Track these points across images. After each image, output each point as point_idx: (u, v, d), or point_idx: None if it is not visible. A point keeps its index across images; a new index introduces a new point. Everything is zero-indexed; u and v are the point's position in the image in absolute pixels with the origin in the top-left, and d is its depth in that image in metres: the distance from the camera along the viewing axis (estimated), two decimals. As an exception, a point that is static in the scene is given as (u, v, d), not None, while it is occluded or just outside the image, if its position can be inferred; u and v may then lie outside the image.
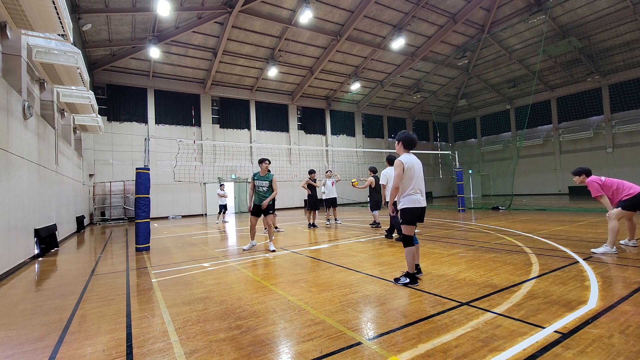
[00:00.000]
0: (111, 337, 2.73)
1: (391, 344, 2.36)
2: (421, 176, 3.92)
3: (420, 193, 3.83)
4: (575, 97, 24.97)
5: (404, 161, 3.83)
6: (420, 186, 3.86)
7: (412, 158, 3.93)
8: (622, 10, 18.07)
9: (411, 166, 3.83)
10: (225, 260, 5.89)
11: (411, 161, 3.87)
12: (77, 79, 8.59)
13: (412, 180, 3.82)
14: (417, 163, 3.95)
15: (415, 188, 3.82)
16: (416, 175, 3.85)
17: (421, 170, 3.94)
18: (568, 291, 3.33)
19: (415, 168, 3.86)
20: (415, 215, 3.81)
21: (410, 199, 3.81)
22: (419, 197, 3.82)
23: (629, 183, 5.04)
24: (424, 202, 3.85)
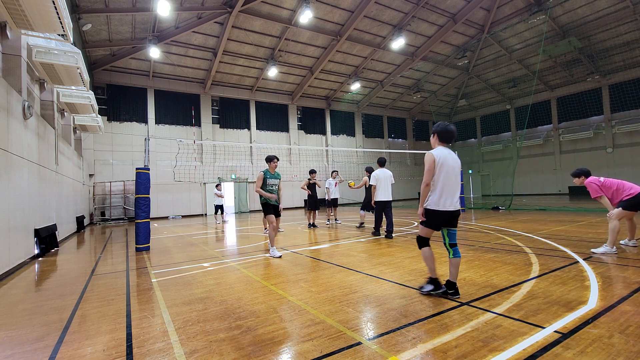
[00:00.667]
0: (111, 337, 2.73)
1: (391, 344, 2.36)
2: (454, 175, 3.33)
3: (449, 195, 3.28)
4: (575, 97, 24.97)
5: (436, 155, 3.32)
6: (450, 187, 3.30)
7: (445, 153, 3.37)
8: (622, 10, 18.07)
9: (443, 162, 3.30)
10: (225, 260, 5.89)
11: (444, 157, 3.33)
12: (77, 79, 8.59)
13: (442, 178, 3.29)
14: (453, 160, 3.38)
15: (443, 188, 3.28)
16: (447, 173, 3.29)
17: (456, 169, 3.36)
18: (568, 291, 3.33)
19: (448, 164, 3.31)
20: (438, 219, 3.30)
21: (435, 199, 3.30)
22: (446, 200, 3.27)
23: (629, 183, 5.04)
24: (452, 206, 3.28)
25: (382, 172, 7.85)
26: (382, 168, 7.96)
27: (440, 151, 3.36)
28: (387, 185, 7.82)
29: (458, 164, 3.41)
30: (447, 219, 3.31)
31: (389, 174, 7.89)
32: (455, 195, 3.33)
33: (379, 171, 7.90)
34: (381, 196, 7.78)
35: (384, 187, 7.79)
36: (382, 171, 7.87)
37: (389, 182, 7.83)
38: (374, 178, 7.87)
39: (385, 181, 7.80)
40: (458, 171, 3.37)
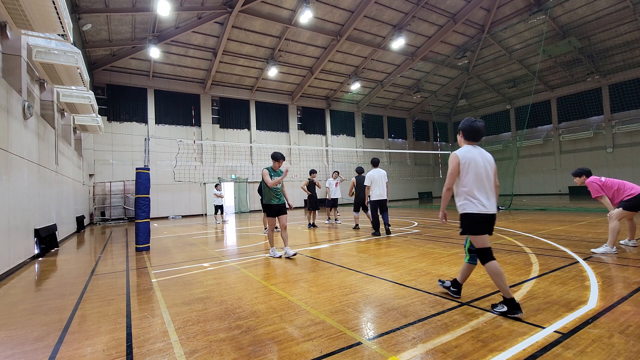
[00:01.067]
0: (111, 337, 2.73)
1: (391, 344, 2.36)
2: (486, 176, 3.00)
3: (483, 197, 2.96)
4: (575, 97, 24.97)
5: (460, 155, 3.03)
6: (483, 188, 2.98)
7: (473, 152, 3.05)
8: (622, 10, 18.08)
9: (471, 162, 2.99)
10: (225, 260, 5.89)
11: (471, 156, 3.02)
12: (77, 79, 8.59)
13: (472, 179, 2.97)
14: (484, 159, 3.04)
15: (476, 190, 2.96)
16: (478, 174, 2.97)
17: (488, 169, 3.02)
18: (568, 291, 3.32)
19: (477, 164, 2.99)
20: (480, 223, 2.95)
21: (469, 202, 2.99)
22: (479, 202, 2.94)
23: (630, 183, 5.03)
24: (488, 208, 2.96)
25: (377, 172, 8.10)
26: (376, 168, 8.23)
27: (465, 150, 3.06)
28: (382, 184, 8.00)
29: (490, 163, 3.07)
30: (488, 221, 2.98)
31: (383, 173, 8.10)
32: (488, 197, 2.99)
33: (373, 171, 8.13)
34: (376, 195, 7.99)
35: (379, 186, 7.99)
36: (376, 171, 8.12)
37: (384, 181, 8.04)
38: (369, 178, 8.11)
39: (380, 180, 8.01)
40: (491, 171, 3.05)
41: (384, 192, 8.01)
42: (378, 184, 8.00)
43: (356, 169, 9.85)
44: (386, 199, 8.03)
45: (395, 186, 27.99)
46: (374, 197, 8.03)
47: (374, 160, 8.39)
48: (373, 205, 8.14)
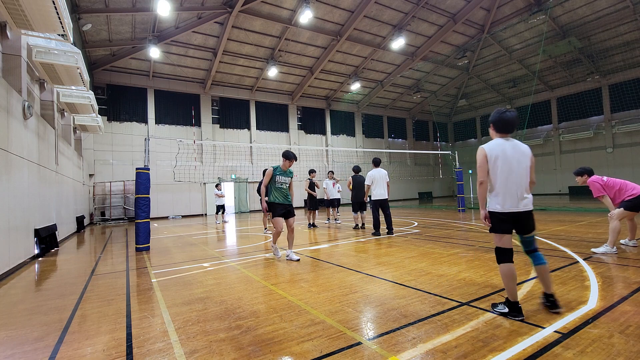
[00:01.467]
0: (111, 337, 2.73)
1: (391, 344, 2.36)
2: (516, 170, 2.81)
3: (508, 194, 2.80)
4: (575, 97, 24.97)
5: (487, 149, 2.89)
6: (510, 184, 2.80)
7: (503, 145, 2.87)
8: (622, 10, 18.08)
9: (499, 156, 2.83)
10: (225, 260, 5.89)
11: (499, 150, 2.85)
12: (77, 79, 8.59)
13: (498, 173, 2.84)
14: (515, 151, 2.85)
15: (502, 185, 2.82)
16: (508, 170, 2.81)
17: (521, 162, 2.84)
18: (568, 291, 3.32)
19: (506, 158, 2.82)
20: (502, 222, 2.82)
21: (495, 199, 2.86)
22: (506, 200, 2.81)
23: (632, 184, 5.01)
24: (515, 205, 2.79)
25: (377, 171, 8.17)
26: (377, 168, 8.29)
27: (494, 144, 2.90)
28: (383, 184, 8.07)
29: (524, 156, 2.87)
30: (513, 221, 2.83)
31: (384, 173, 8.15)
32: (517, 194, 2.80)
33: (374, 171, 8.20)
34: (377, 195, 8.06)
35: (380, 186, 8.05)
36: (377, 171, 8.18)
37: (384, 180, 8.11)
38: (370, 178, 8.18)
39: (381, 180, 8.07)
40: (524, 165, 2.84)
41: (384, 191, 8.07)
42: (379, 183, 8.06)
43: (353, 168, 9.86)
44: (387, 199, 8.08)
45: (395, 186, 27.98)
46: (375, 196, 8.09)
47: (376, 160, 8.47)
48: (374, 205, 8.19)
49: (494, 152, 2.87)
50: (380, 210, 8.21)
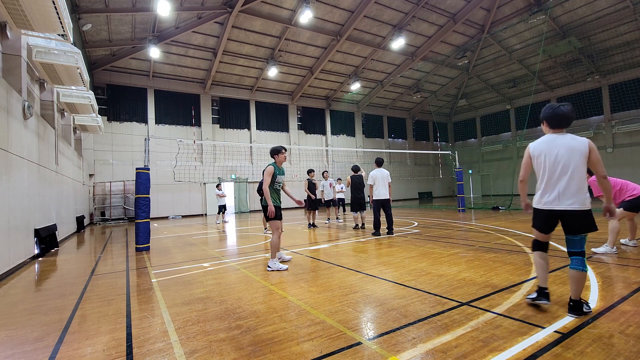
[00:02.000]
0: (111, 337, 2.73)
1: (391, 344, 2.36)
2: (560, 165, 2.76)
3: (548, 190, 2.83)
4: (575, 97, 24.95)
5: (531, 147, 2.95)
6: (553, 181, 2.80)
7: (552, 142, 2.82)
8: (622, 10, 18.07)
9: (544, 153, 2.84)
10: (225, 260, 5.89)
11: (545, 147, 2.84)
12: (77, 79, 8.59)
13: (541, 170, 2.88)
14: (562, 147, 2.76)
15: (543, 181, 2.87)
16: (549, 165, 2.79)
17: (567, 158, 2.74)
18: (568, 291, 3.32)
19: (554, 155, 2.78)
20: (541, 218, 2.90)
21: (537, 195, 2.96)
22: (543, 196, 2.86)
23: (633, 184, 5.01)
24: (554, 203, 2.79)
25: (379, 171, 8.14)
26: (379, 168, 8.27)
27: (540, 141, 2.91)
28: (384, 184, 8.08)
29: (575, 149, 2.72)
30: (553, 219, 2.84)
31: (386, 173, 8.15)
32: (556, 190, 2.78)
33: (376, 171, 8.19)
34: (379, 195, 8.06)
35: (381, 186, 8.05)
36: (379, 171, 8.16)
37: (386, 181, 8.11)
38: (372, 177, 8.18)
39: (382, 180, 8.08)
40: (571, 159, 2.72)
41: (386, 192, 8.08)
42: (380, 183, 8.07)
43: (352, 167, 9.94)
44: (388, 199, 8.08)
45: (396, 186, 27.92)
46: (376, 196, 8.09)
47: (378, 160, 8.45)
48: (375, 205, 8.20)
49: (537, 150, 2.91)
50: (381, 210, 8.22)
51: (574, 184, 2.73)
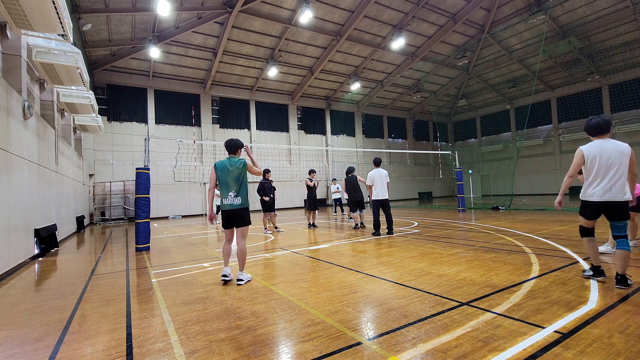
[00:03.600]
0: (111, 337, 2.73)
1: (391, 344, 2.36)
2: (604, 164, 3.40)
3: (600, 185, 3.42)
4: (575, 97, 24.97)
5: (584, 150, 3.55)
6: (603, 177, 3.41)
7: (598, 146, 3.47)
8: (622, 10, 18.08)
9: (596, 156, 3.44)
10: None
11: (596, 151, 3.46)
12: (77, 79, 8.59)
13: (588, 168, 3.52)
14: (608, 151, 3.41)
15: (595, 179, 3.46)
16: (599, 166, 3.42)
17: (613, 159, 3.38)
18: (568, 291, 3.32)
19: (602, 158, 3.41)
20: (594, 209, 3.50)
21: (587, 190, 3.55)
22: (594, 190, 3.45)
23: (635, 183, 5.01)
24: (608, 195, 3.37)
25: (378, 171, 8.17)
26: (377, 168, 8.30)
27: (589, 146, 3.55)
28: (383, 184, 8.11)
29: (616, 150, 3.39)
30: (599, 209, 3.46)
31: (385, 173, 8.19)
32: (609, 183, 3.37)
33: (374, 171, 8.23)
34: (378, 195, 8.10)
35: (380, 186, 8.09)
36: (377, 171, 8.18)
37: (385, 181, 8.15)
38: (370, 178, 8.21)
39: (381, 180, 8.11)
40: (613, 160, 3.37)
41: (385, 192, 8.10)
42: (379, 183, 8.09)
43: (346, 170, 10.13)
44: (387, 199, 8.11)
45: (396, 186, 27.99)
46: (375, 196, 8.11)
47: (376, 160, 8.49)
48: (374, 205, 8.22)
49: (591, 153, 3.50)
50: (381, 210, 8.22)
51: (624, 180, 3.39)
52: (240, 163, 4.30)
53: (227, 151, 4.41)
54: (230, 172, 4.23)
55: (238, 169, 4.25)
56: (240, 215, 4.22)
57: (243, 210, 4.23)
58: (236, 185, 4.22)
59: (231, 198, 4.18)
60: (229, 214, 4.21)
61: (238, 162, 4.29)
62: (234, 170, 4.24)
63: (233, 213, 4.20)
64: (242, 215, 4.23)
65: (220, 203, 4.28)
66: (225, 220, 4.25)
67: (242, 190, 4.24)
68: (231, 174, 4.23)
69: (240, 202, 4.20)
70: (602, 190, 3.40)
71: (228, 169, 4.24)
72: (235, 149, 4.40)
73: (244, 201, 4.23)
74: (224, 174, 4.24)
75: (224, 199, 4.20)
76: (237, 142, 4.40)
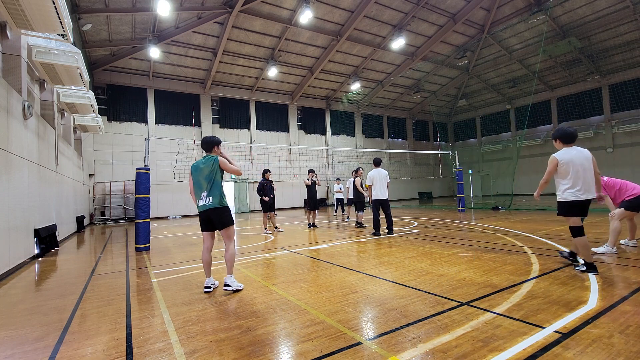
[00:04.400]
0: (111, 337, 2.73)
1: (391, 344, 2.36)
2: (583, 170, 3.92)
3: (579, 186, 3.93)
4: (575, 97, 24.97)
5: (558, 157, 4.02)
6: (582, 179, 3.92)
7: (569, 153, 3.99)
8: (622, 10, 18.08)
9: (570, 162, 3.95)
10: (225, 260, 5.88)
11: (569, 157, 3.97)
12: (77, 79, 8.59)
13: (569, 174, 3.96)
14: (579, 157, 3.96)
15: (576, 182, 3.93)
16: (574, 170, 3.93)
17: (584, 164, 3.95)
18: (568, 291, 3.32)
19: (575, 163, 3.93)
20: (576, 208, 3.95)
21: (567, 191, 4.00)
22: (576, 190, 3.93)
23: (632, 184, 5.01)
24: (585, 195, 3.92)
25: (377, 171, 8.18)
26: (377, 168, 8.31)
27: (563, 153, 4.04)
28: (383, 184, 8.12)
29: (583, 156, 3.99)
30: (583, 206, 3.98)
31: (384, 173, 8.21)
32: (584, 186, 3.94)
33: (374, 171, 8.24)
34: (377, 195, 8.11)
35: (380, 186, 8.10)
36: (377, 171, 8.19)
37: (385, 181, 8.15)
38: (370, 178, 8.23)
39: (381, 180, 8.12)
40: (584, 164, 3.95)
41: (384, 192, 8.11)
42: (378, 183, 8.11)
43: (353, 170, 10.45)
44: (387, 199, 8.12)
45: (395, 186, 27.99)
46: (375, 196, 8.13)
47: (376, 160, 8.51)
48: (374, 205, 8.23)
49: (565, 159, 3.98)
50: (381, 211, 8.22)
51: (592, 181, 3.99)
52: (211, 160, 3.92)
53: (203, 149, 4.08)
54: (202, 171, 3.90)
55: (208, 167, 3.88)
56: (216, 216, 3.87)
57: (219, 211, 3.87)
58: (207, 184, 3.86)
59: (203, 198, 3.85)
60: (204, 215, 3.91)
61: (209, 160, 3.94)
62: (204, 168, 3.90)
63: (207, 214, 3.88)
64: (219, 215, 3.87)
65: (197, 205, 3.96)
66: (202, 223, 3.96)
67: (214, 189, 3.86)
68: (202, 173, 3.90)
69: (213, 201, 3.83)
70: (582, 190, 3.92)
71: (200, 167, 3.93)
72: (209, 146, 4.06)
73: (216, 200, 3.84)
74: (196, 173, 3.94)
75: (198, 200, 3.90)
76: (212, 139, 4.10)
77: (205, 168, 3.90)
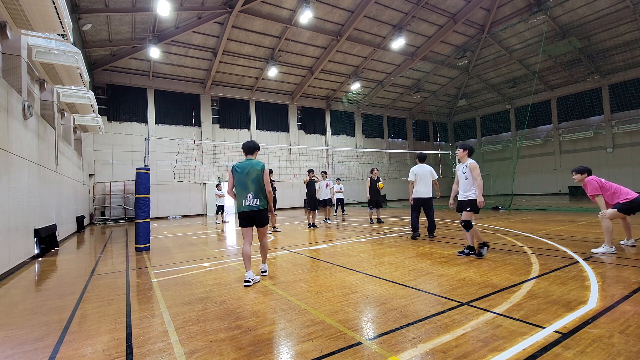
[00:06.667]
0: (111, 337, 2.73)
1: (391, 344, 2.36)
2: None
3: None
4: (575, 97, 24.98)
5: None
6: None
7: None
8: (622, 10, 18.08)
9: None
10: (225, 260, 5.89)
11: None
12: (77, 79, 8.59)
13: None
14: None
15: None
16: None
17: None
18: (568, 291, 3.32)
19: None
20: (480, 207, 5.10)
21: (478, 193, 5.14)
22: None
23: (626, 189, 5.09)
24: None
25: (421, 167, 7.28)
26: (421, 163, 7.41)
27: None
28: (427, 181, 7.22)
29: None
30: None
31: (429, 169, 7.30)
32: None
33: (417, 167, 7.33)
34: (419, 193, 7.23)
35: (423, 183, 7.20)
36: (420, 167, 7.30)
37: (429, 177, 7.24)
38: (412, 173, 7.31)
39: (424, 177, 7.20)
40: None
41: (427, 190, 7.19)
42: (422, 180, 7.19)
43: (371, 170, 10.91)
44: (430, 198, 7.27)
45: (396, 186, 27.99)
46: (416, 194, 7.24)
47: (420, 156, 7.52)
48: (414, 204, 7.36)
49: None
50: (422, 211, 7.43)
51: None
52: (260, 165, 4.32)
53: (244, 153, 4.47)
54: (249, 173, 4.25)
55: (257, 171, 4.26)
56: (261, 216, 4.29)
57: (263, 212, 4.31)
58: (254, 186, 4.23)
59: (250, 199, 4.21)
60: (248, 214, 4.25)
61: (258, 165, 4.31)
62: (252, 171, 4.25)
63: (252, 214, 4.24)
64: (263, 215, 4.32)
65: (237, 204, 4.29)
66: (244, 221, 4.29)
67: (261, 192, 4.27)
68: (249, 175, 4.25)
69: (259, 203, 4.24)
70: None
71: (246, 170, 4.26)
72: (252, 150, 4.46)
73: (262, 202, 4.27)
74: (241, 174, 4.26)
75: (243, 200, 4.23)
76: (254, 143, 4.52)
77: (254, 171, 4.27)
